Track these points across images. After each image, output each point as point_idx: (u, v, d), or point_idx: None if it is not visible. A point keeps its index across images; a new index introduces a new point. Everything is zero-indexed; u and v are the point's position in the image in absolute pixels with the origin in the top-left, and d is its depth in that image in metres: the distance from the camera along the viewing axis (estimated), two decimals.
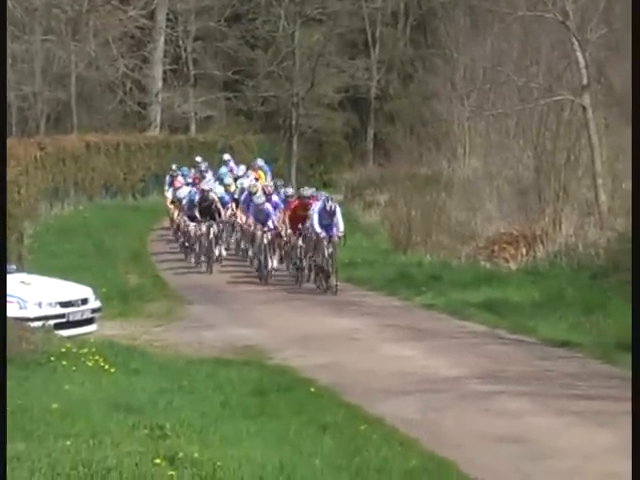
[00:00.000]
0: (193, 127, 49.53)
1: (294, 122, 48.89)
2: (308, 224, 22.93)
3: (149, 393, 11.65)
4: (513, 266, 24.26)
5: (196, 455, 8.41)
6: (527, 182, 29.14)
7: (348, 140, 51.50)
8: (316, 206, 22.84)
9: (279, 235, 24.79)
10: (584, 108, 25.48)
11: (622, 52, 24.62)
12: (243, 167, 33.38)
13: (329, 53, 49.41)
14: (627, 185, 22.62)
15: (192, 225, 26.08)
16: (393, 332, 18.19)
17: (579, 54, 25.51)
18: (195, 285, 24.32)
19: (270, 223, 24.56)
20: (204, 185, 28.06)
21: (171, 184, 31.84)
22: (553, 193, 27.45)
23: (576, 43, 25.67)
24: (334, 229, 22.24)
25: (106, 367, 13.06)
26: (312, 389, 12.87)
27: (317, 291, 22.70)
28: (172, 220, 31.11)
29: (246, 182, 28.66)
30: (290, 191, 26.75)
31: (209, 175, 32.18)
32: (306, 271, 23.65)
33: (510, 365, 15.17)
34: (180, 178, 31.82)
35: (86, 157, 39.43)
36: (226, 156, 35.64)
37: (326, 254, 21.94)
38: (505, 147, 31.37)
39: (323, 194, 24.84)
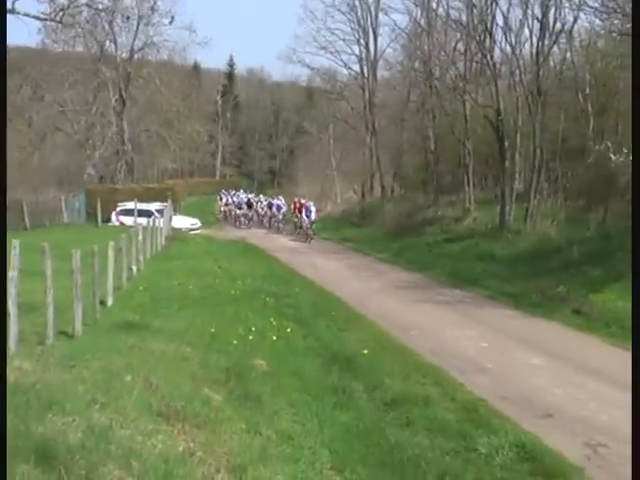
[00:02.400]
0: None
1: None
2: (304, 214, 45.40)
3: (214, 248, 36.51)
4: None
5: (227, 266, 28.57)
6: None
7: None
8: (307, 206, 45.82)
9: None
10: None
11: None
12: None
13: None
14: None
15: (239, 211, 56.67)
16: (297, 240, 44.56)
17: None
18: (232, 230, 51.22)
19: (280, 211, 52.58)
20: (242, 196, 61.19)
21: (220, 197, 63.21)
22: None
23: None
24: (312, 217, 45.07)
25: (202, 241, 39.33)
26: (260, 248, 38.49)
27: (296, 236, 46.21)
28: (223, 212, 60.03)
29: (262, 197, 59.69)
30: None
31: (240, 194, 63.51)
32: (299, 230, 46.83)
33: (332, 252, 38.84)
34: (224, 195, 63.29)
35: None
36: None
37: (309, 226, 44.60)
38: None
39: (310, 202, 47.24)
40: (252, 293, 21.58)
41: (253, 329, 15.88)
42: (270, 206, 54.08)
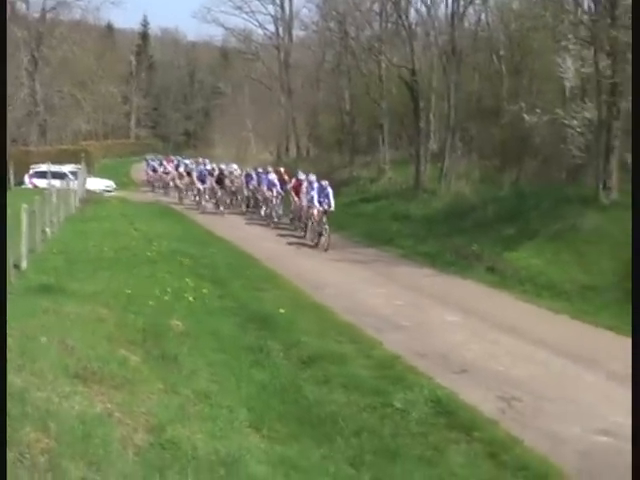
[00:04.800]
0: None
1: None
2: (305, 196, 29.23)
3: (129, 210, 35.42)
4: None
5: (143, 228, 27.18)
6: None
7: None
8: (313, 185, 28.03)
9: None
10: None
11: None
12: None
13: None
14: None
15: (201, 185, 39.44)
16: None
17: None
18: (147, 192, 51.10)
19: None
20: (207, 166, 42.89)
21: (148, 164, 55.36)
22: None
23: None
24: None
25: (117, 203, 38.57)
26: (179, 209, 38.11)
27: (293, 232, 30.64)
28: (147, 174, 54.07)
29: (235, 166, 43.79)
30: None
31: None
32: (297, 222, 31.24)
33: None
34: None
35: None
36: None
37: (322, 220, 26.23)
38: None
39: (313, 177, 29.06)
40: (168, 254, 21.38)
41: (169, 290, 15.75)
42: (248, 180, 37.50)
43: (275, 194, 33.03)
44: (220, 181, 38.46)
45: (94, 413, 7.88)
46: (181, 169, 46.40)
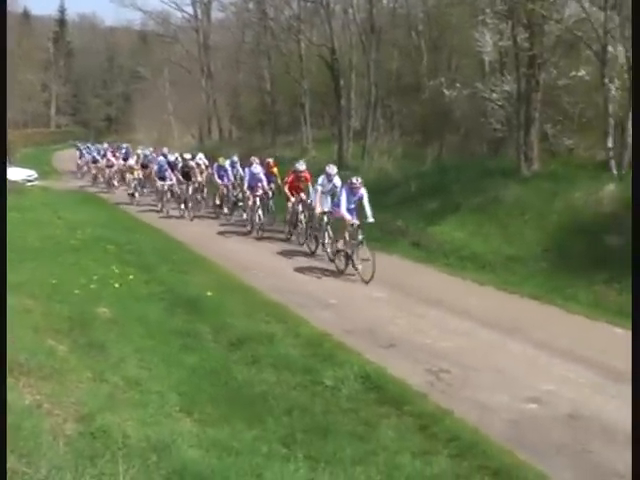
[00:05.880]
0: None
1: None
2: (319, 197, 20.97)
3: (52, 199, 34.08)
4: None
5: (66, 216, 26.86)
6: None
7: None
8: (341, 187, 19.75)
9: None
10: None
11: None
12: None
13: None
14: None
15: (160, 183, 31.65)
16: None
17: None
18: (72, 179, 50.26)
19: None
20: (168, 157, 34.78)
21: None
22: None
23: None
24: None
25: (40, 193, 37.67)
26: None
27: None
28: (82, 164, 50.21)
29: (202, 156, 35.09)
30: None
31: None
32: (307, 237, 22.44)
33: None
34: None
35: None
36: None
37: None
38: None
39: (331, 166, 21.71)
40: (93, 242, 21.19)
41: (95, 278, 15.64)
42: (221, 175, 29.09)
43: (260, 193, 25.19)
44: (186, 175, 30.69)
45: (23, 405, 7.80)
46: (131, 161, 40.19)
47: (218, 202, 29.63)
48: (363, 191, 18.55)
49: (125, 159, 42.45)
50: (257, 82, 50.05)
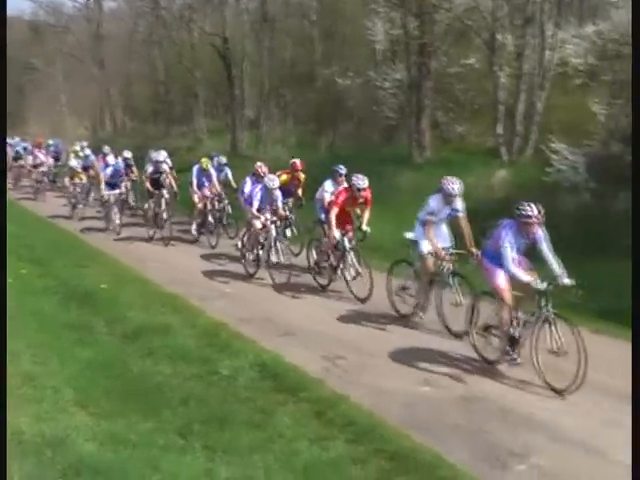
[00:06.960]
0: None
1: None
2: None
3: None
4: None
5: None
6: None
7: None
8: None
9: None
10: None
11: None
12: None
13: None
14: None
15: (107, 192, 23.55)
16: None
17: None
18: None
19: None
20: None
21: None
22: None
23: None
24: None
25: None
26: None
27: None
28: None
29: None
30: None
31: None
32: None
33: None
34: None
35: None
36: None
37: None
38: None
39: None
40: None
41: None
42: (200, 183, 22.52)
43: (273, 218, 16.73)
44: (156, 183, 22.74)
45: None
46: (74, 162, 29.45)
47: (199, 221, 22.46)
48: (541, 232, 10.01)
49: (56, 158, 36.57)
50: (150, 72, 49.57)
